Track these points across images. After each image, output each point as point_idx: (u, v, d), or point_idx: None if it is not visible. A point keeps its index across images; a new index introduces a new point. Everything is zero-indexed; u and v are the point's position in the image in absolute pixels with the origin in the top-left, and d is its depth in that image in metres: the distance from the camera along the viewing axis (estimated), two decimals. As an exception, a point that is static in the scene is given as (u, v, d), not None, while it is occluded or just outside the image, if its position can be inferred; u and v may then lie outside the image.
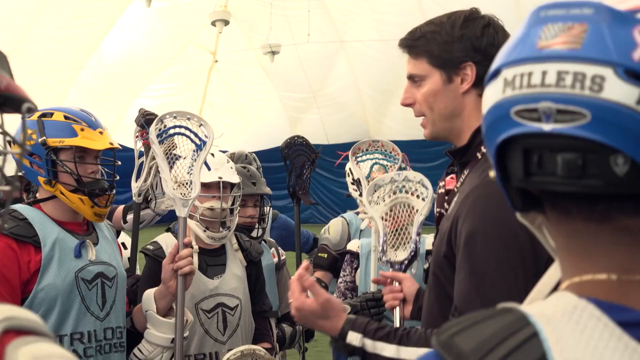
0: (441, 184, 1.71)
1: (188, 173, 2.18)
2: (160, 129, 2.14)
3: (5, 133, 0.78)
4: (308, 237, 3.82)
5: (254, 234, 2.86)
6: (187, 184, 2.17)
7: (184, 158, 2.19)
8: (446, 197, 1.65)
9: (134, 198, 2.67)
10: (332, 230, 3.39)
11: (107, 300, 2.01)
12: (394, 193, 1.91)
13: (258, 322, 2.59)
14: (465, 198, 1.43)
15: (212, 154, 2.53)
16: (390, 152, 2.71)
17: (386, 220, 1.92)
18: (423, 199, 1.87)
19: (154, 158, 2.42)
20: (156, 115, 2.62)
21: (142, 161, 2.64)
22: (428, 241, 2.85)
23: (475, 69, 1.50)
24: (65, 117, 1.99)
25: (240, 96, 16.29)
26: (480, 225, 1.36)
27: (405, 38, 1.60)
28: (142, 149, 2.66)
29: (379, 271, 2.72)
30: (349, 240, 3.34)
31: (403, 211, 1.91)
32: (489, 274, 1.34)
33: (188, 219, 2.44)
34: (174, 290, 2.12)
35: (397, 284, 1.88)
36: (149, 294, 2.19)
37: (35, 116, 1.97)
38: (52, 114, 1.99)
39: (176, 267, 2.11)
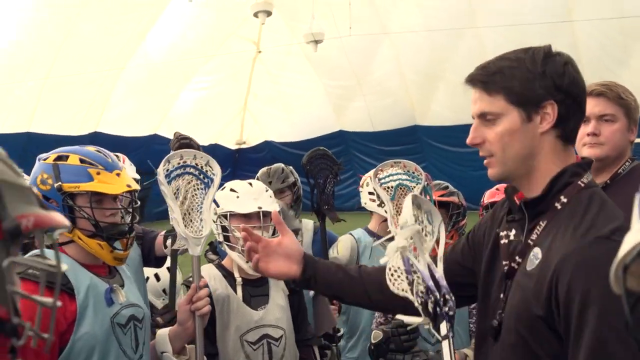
0: (502, 233, 1.56)
1: (198, 211, 2.15)
2: (168, 169, 2.11)
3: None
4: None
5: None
6: (198, 222, 2.15)
7: (194, 197, 2.15)
8: (512, 249, 1.51)
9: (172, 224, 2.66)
10: (341, 248, 3.28)
11: (139, 343, 1.98)
12: None
13: (302, 351, 2.56)
14: (565, 259, 1.33)
15: (250, 184, 2.51)
16: (413, 172, 2.60)
17: None
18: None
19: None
20: (190, 139, 2.58)
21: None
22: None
23: (557, 108, 1.42)
24: (81, 161, 1.92)
25: (284, 86, 16.27)
26: (595, 292, 1.27)
27: (478, 73, 1.49)
28: None
29: None
30: (358, 258, 3.24)
31: None
32: (610, 344, 1.26)
33: (230, 251, 2.43)
34: (191, 332, 2.12)
35: None
36: (164, 335, 2.17)
37: (50, 159, 1.92)
38: (67, 157, 1.92)
39: (194, 309, 2.11)
